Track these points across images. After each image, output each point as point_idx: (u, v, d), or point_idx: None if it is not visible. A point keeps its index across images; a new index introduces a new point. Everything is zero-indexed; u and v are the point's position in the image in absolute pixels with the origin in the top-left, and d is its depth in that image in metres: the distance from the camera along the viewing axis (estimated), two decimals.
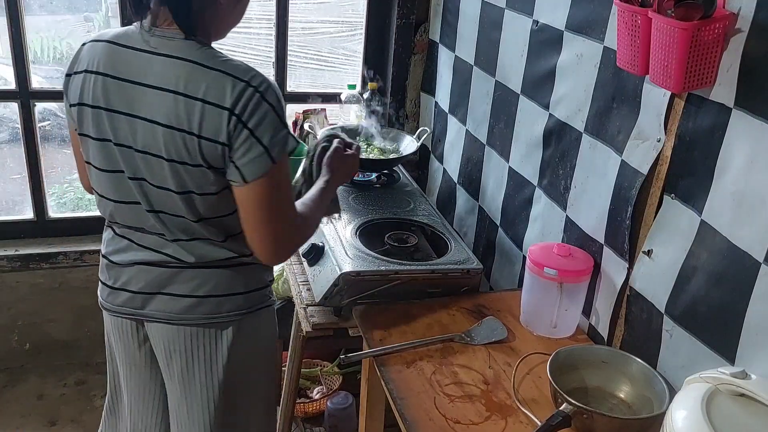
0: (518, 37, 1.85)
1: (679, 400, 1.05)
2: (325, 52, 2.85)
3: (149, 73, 1.22)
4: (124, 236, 1.38)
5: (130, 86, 1.23)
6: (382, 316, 1.58)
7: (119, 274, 1.39)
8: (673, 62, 1.15)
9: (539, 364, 1.43)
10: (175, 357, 1.40)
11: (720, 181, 1.17)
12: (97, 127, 1.28)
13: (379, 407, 1.66)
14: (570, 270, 1.49)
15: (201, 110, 1.18)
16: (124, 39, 1.26)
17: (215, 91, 1.18)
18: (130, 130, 1.24)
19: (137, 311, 1.39)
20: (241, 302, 1.39)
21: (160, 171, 1.25)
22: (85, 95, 1.27)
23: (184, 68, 1.20)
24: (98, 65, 1.26)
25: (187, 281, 1.35)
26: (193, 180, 1.25)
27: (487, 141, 2.07)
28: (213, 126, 1.19)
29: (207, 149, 1.21)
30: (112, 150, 1.28)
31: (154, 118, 1.21)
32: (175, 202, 1.27)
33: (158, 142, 1.22)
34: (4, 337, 2.63)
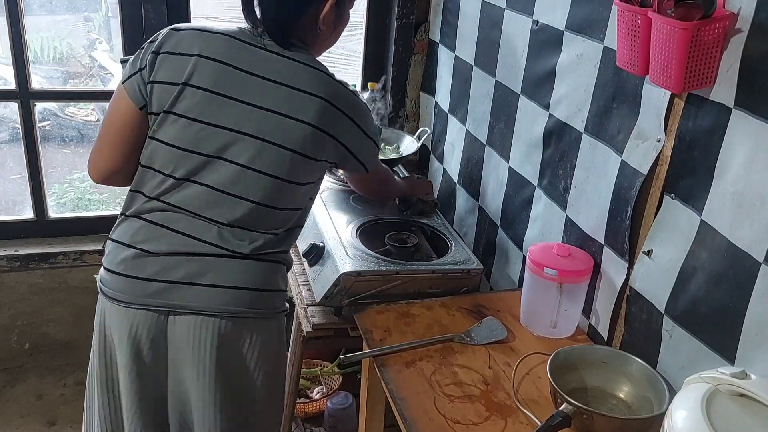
0: (518, 37, 1.85)
1: (679, 400, 1.05)
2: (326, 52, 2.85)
3: (275, 70, 1.34)
4: (164, 224, 1.35)
5: (254, 79, 1.33)
6: (382, 316, 1.58)
7: (149, 263, 1.35)
8: (673, 62, 1.15)
9: (539, 364, 1.43)
10: (207, 350, 1.35)
11: (720, 181, 1.17)
12: (204, 110, 1.33)
13: (379, 407, 1.66)
14: (570, 270, 1.49)
15: (324, 108, 1.35)
16: (241, 36, 1.38)
17: (333, 94, 1.37)
18: (248, 118, 1.32)
19: (169, 302, 1.34)
20: (271, 300, 1.41)
21: (275, 159, 1.33)
22: (195, 77, 1.33)
23: (316, 76, 1.37)
24: (217, 53, 1.34)
25: (232, 271, 1.35)
26: (305, 171, 1.38)
27: (487, 141, 2.07)
28: (332, 123, 1.37)
29: (324, 144, 1.37)
30: (213, 133, 1.33)
31: (289, 113, 1.33)
32: (273, 190, 1.35)
33: (282, 133, 1.33)
34: (4, 337, 2.63)
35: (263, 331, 1.40)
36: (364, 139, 1.45)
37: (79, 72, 2.90)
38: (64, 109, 3.18)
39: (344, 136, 1.40)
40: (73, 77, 2.92)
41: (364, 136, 1.45)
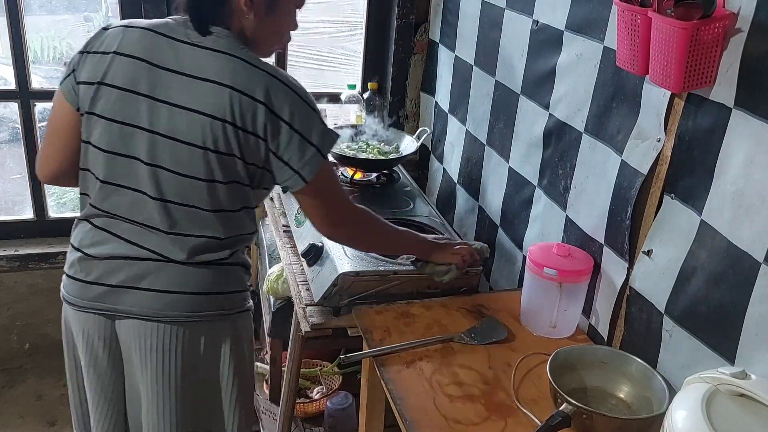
0: (518, 37, 1.85)
1: (679, 400, 1.05)
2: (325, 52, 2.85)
3: (191, 64, 1.26)
4: (106, 228, 1.35)
5: (167, 74, 1.26)
6: (381, 316, 1.58)
7: (93, 267, 1.36)
8: (672, 62, 1.15)
9: (539, 364, 1.43)
10: (150, 355, 1.36)
11: (720, 181, 1.17)
12: (119, 109, 1.28)
13: (379, 407, 1.66)
14: (570, 270, 1.49)
15: (242, 102, 1.24)
16: (164, 29, 1.30)
17: (257, 87, 1.24)
18: (159, 116, 1.26)
19: (112, 306, 1.35)
20: (223, 303, 1.39)
21: (189, 159, 1.26)
22: (110, 76, 1.28)
23: (231, 62, 1.25)
24: (132, 49, 1.28)
25: (171, 276, 1.34)
26: (224, 169, 1.28)
27: (487, 141, 2.07)
28: (251, 119, 1.25)
29: (244, 141, 1.26)
30: (131, 134, 1.28)
31: (195, 107, 1.24)
32: (195, 191, 1.29)
33: (194, 130, 1.25)
34: (3, 337, 2.63)
35: (213, 334, 1.39)
36: (297, 140, 1.28)
37: None
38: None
39: (264, 131, 1.26)
40: None
41: (296, 136, 1.28)
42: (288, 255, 1.95)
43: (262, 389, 2.39)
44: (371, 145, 2.30)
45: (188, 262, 1.34)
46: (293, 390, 1.94)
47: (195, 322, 1.36)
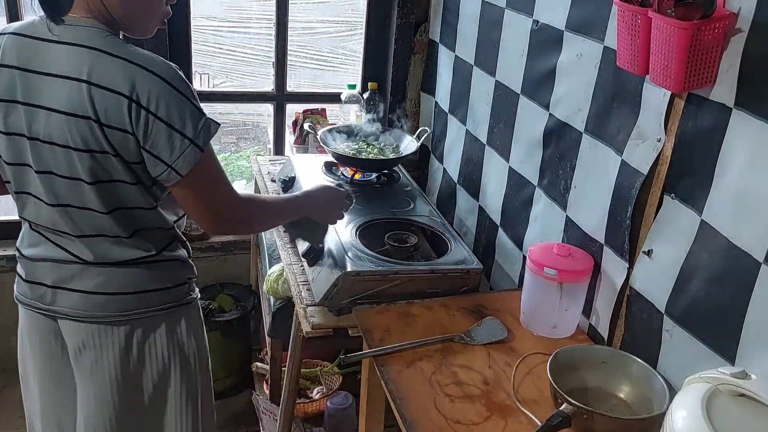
0: (518, 37, 1.85)
1: (679, 400, 1.05)
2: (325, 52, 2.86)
3: (52, 62, 1.20)
4: (37, 231, 1.37)
5: (33, 77, 1.21)
6: (382, 316, 1.58)
7: (32, 267, 1.38)
8: (673, 62, 1.15)
9: (539, 364, 1.43)
10: (84, 353, 1.38)
11: (720, 181, 1.17)
12: (5, 120, 1.26)
13: (379, 407, 1.66)
14: (570, 270, 1.49)
15: (102, 97, 1.17)
16: (29, 30, 1.24)
17: (118, 78, 1.17)
18: (35, 122, 1.22)
19: (49, 307, 1.37)
20: (155, 299, 1.38)
21: (68, 161, 1.23)
22: None
23: (88, 55, 1.18)
24: (4, 58, 1.24)
25: (93, 277, 1.34)
26: (102, 168, 1.24)
27: (487, 141, 2.07)
28: (116, 115, 1.18)
29: (113, 137, 1.20)
30: (19, 143, 1.26)
31: (59, 108, 1.19)
32: (85, 193, 1.26)
33: (64, 132, 1.20)
34: (4, 337, 2.62)
35: (146, 332, 1.38)
36: (169, 132, 1.20)
37: None
38: None
39: (131, 125, 1.19)
40: None
41: (166, 129, 1.20)
42: (288, 255, 1.95)
43: (262, 389, 2.39)
44: (371, 144, 2.30)
45: (104, 263, 1.33)
46: (293, 390, 1.94)
47: (125, 321, 1.36)
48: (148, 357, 1.40)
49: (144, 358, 1.40)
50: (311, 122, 2.48)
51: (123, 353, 1.38)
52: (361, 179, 2.21)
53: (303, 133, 2.57)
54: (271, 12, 2.56)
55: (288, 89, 2.70)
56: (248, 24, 2.71)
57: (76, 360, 1.40)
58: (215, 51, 2.97)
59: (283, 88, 2.69)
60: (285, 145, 2.77)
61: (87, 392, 1.41)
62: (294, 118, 2.65)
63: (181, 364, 1.44)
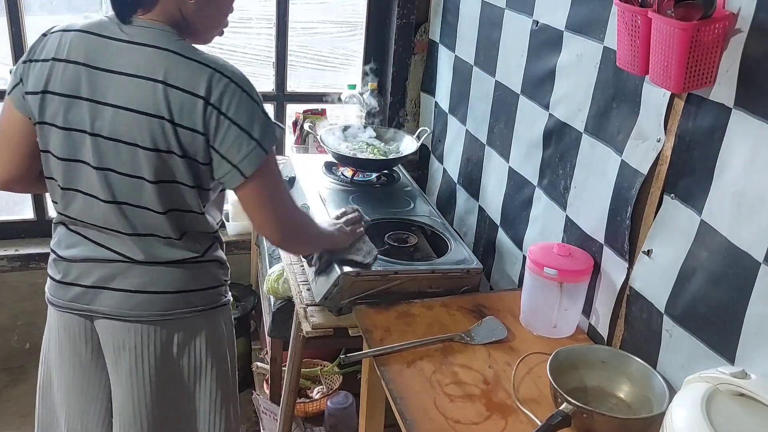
0: (518, 37, 1.85)
1: (679, 400, 1.05)
2: (325, 52, 2.85)
3: (125, 62, 1.22)
4: (77, 231, 1.37)
5: (104, 75, 1.23)
6: (382, 316, 1.58)
7: (69, 268, 1.38)
8: (673, 62, 1.15)
9: (539, 363, 1.43)
10: (123, 354, 1.38)
11: (720, 181, 1.18)
12: (65, 115, 1.26)
13: (379, 407, 1.66)
14: (570, 270, 1.49)
15: (179, 98, 1.21)
16: (97, 28, 1.26)
17: (193, 80, 1.21)
18: (101, 119, 1.24)
19: (86, 307, 1.37)
20: (194, 300, 1.39)
21: (132, 159, 1.25)
22: (52, 83, 1.26)
23: (162, 57, 1.22)
24: (69, 54, 1.25)
25: (137, 277, 1.35)
26: (166, 168, 1.26)
27: (487, 141, 2.07)
28: (190, 115, 1.22)
29: (183, 137, 1.23)
30: (79, 139, 1.27)
31: (129, 106, 1.22)
32: (145, 192, 1.28)
33: (132, 129, 1.23)
34: (4, 336, 2.63)
35: (187, 332, 1.40)
36: (237, 133, 1.23)
37: None
38: None
39: (204, 126, 1.23)
40: None
41: (236, 130, 1.23)
42: (288, 255, 1.96)
43: (262, 389, 2.39)
44: (371, 145, 2.30)
45: (152, 262, 1.34)
46: (294, 390, 1.95)
47: (167, 321, 1.37)
48: (187, 357, 1.41)
49: (183, 358, 1.41)
50: (311, 122, 2.48)
51: (163, 353, 1.38)
52: (361, 179, 2.21)
53: (303, 133, 2.57)
54: (271, 12, 2.56)
55: (288, 89, 2.70)
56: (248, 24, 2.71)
57: (116, 360, 1.39)
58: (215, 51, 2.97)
59: (283, 88, 2.69)
60: (285, 145, 2.77)
61: (124, 392, 1.40)
62: (294, 118, 2.66)
63: (217, 365, 1.46)
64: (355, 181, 2.20)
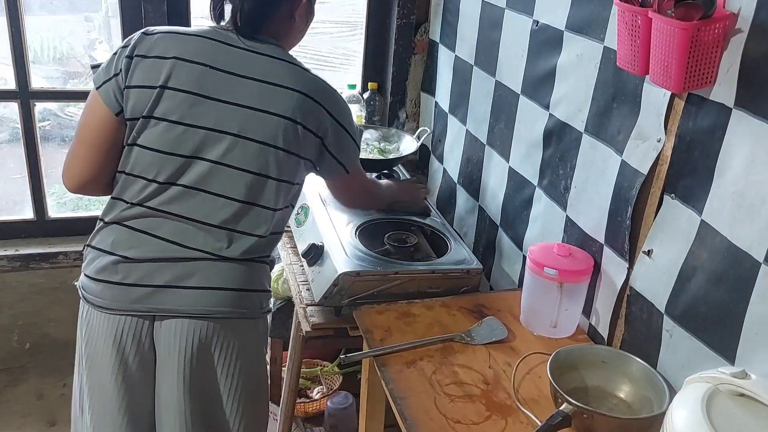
0: (518, 37, 1.85)
1: (679, 400, 1.05)
2: (325, 52, 2.85)
3: (258, 69, 1.36)
4: (144, 230, 1.35)
5: (232, 78, 1.35)
6: (382, 316, 1.58)
7: (134, 270, 1.34)
8: (673, 62, 1.15)
9: (539, 364, 1.43)
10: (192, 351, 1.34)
11: (720, 181, 1.17)
12: (184, 111, 1.33)
13: (379, 407, 1.66)
14: (570, 270, 1.49)
15: (306, 104, 1.36)
16: (218, 36, 1.39)
17: (314, 90, 1.38)
18: (229, 118, 1.33)
19: (154, 307, 1.33)
20: (256, 300, 1.43)
21: (256, 157, 1.34)
22: (173, 81, 1.33)
23: (292, 69, 1.39)
24: (194, 56, 1.35)
25: (218, 273, 1.36)
26: (283, 167, 1.38)
27: (487, 141, 2.07)
28: (314, 120, 1.38)
29: (306, 140, 1.39)
30: (195, 134, 1.33)
31: (267, 109, 1.34)
32: (250, 185, 1.35)
33: (266, 130, 1.34)
34: (4, 336, 2.63)
35: (249, 331, 1.42)
36: (345, 137, 1.45)
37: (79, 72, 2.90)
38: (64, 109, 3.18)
39: (322, 130, 1.40)
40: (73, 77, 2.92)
41: (344, 134, 1.45)
42: (288, 255, 1.96)
43: None
44: (371, 144, 2.30)
45: (234, 258, 1.37)
46: (293, 390, 1.95)
47: (234, 320, 1.38)
48: (242, 357, 1.40)
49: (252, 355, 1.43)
50: None
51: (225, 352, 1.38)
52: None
53: None
54: None
55: None
56: None
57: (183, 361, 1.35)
58: None
59: None
60: None
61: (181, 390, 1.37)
62: None
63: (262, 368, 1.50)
64: None
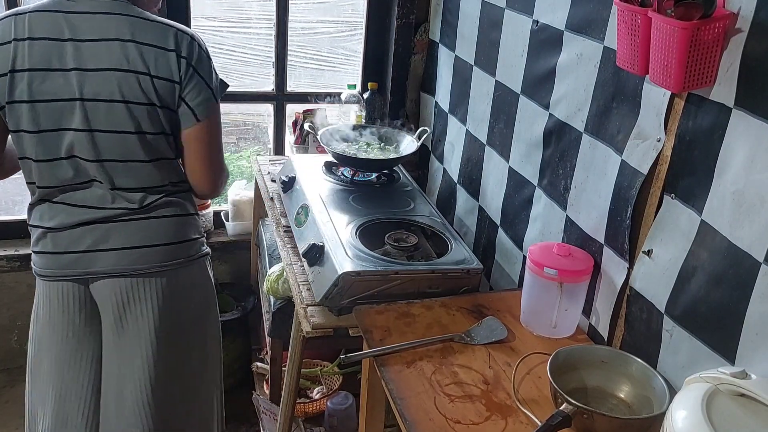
0: (518, 37, 1.85)
1: (679, 400, 1.05)
2: (325, 52, 2.85)
3: (93, 30, 1.36)
4: (62, 202, 1.45)
5: (74, 44, 1.35)
6: (382, 316, 1.58)
7: (59, 238, 1.46)
8: (673, 62, 1.15)
9: (539, 364, 1.43)
10: (128, 308, 1.47)
11: (720, 181, 1.17)
12: (37, 89, 1.35)
13: (379, 407, 1.66)
14: (570, 270, 1.49)
15: (153, 54, 1.37)
16: (53, 6, 1.38)
17: (160, 38, 1.38)
18: (77, 84, 1.35)
19: (84, 270, 1.46)
20: (185, 251, 1.53)
21: (112, 115, 1.38)
22: (19, 62, 1.35)
23: (125, 21, 1.38)
24: (31, 32, 1.35)
25: (131, 234, 1.46)
26: (146, 119, 1.40)
27: (487, 141, 2.07)
28: (165, 67, 1.38)
29: (160, 88, 1.39)
30: (53, 108, 1.37)
31: (106, 66, 1.35)
32: (129, 145, 1.41)
33: (113, 87, 1.36)
34: (4, 337, 2.63)
35: (185, 279, 1.54)
36: (199, 81, 1.43)
37: None
38: None
39: (178, 76, 1.40)
40: None
41: (199, 79, 1.42)
42: (288, 255, 1.95)
43: (262, 389, 2.39)
44: (371, 144, 2.30)
45: (145, 216, 1.47)
46: (294, 390, 1.94)
47: (164, 271, 1.50)
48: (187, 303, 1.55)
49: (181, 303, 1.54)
50: (311, 122, 2.48)
51: (164, 301, 1.50)
52: (361, 179, 2.21)
53: (303, 133, 2.57)
54: (271, 12, 2.56)
55: (288, 89, 2.70)
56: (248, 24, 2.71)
57: (119, 317, 1.48)
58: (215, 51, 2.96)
59: (283, 88, 2.69)
60: (285, 145, 2.77)
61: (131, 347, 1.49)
62: (294, 118, 2.65)
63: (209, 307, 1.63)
64: (355, 181, 2.20)
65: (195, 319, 1.58)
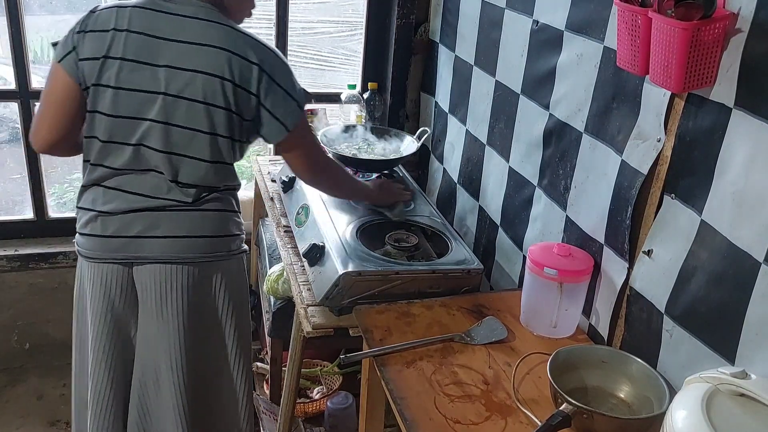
0: (518, 37, 1.85)
1: (679, 400, 1.05)
2: (325, 52, 2.85)
3: (189, 33, 1.44)
4: (117, 188, 1.52)
5: (166, 43, 1.44)
6: (382, 316, 1.58)
7: (110, 222, 1.53)
8: (673, 62, 1.15)
9: (539, 364, 1.43)
10: (169, 294, 1.54)
11: (720, 181, 1.17)
12: (125, 78, 1.45)
13: (379, 407, 1.66)
14: (570, 270, 1.49)
15: (238, 64, 1.44)
16: (152, 5, 1.47)
17: (247, 50, 1.46)
18: (165, 80, 1.44)
19: (132, 255, 1.53)
20: (226, 245, 1.60)
21: (191, 113, 1.45)
22: (114, 50, 1.45)
23: (221, 30, 1.46)
24: (130, 25, 1.45)
25: (182, 223, 1.53)
26: (221, 122, 1.47)
27: (487, 141, 2.07)
28: (246, 78, 1.46)
29: (239, 96, 1.46)
30: (135, 97, 1.45)
31: (195, 68, 1.43)
32: (199, 143, 1.48)
33: (197, 88, 1.44)
34: (4, 337, 2.63)
35: (224, 272, 1.61)
36: (283, 95, 1.51)
37: None
38: None
39: (256, 87, 1.47)
40: None
41: (281, 92, 1.50)
42: (289, 255, 1.96)
43: (262, 389, 2.40)
44: (371, 145, 2.30)
45: (195, 208, 1.54)
46: (294, 390, 1.95)
47: (206, 262, 1.57)
48: (224, 293, 1.61)
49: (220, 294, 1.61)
50: (311, 122, 2.48)
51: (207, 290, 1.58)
52: (362, 179, 2.21)
53: None
54: (271, 12, 2.56)
55: None
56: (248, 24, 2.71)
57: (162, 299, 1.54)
58: None
59: None
60: None
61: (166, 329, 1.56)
62: None
63: (244, 301, 1.70)
64: None
65: (230, 311, 1.64)
